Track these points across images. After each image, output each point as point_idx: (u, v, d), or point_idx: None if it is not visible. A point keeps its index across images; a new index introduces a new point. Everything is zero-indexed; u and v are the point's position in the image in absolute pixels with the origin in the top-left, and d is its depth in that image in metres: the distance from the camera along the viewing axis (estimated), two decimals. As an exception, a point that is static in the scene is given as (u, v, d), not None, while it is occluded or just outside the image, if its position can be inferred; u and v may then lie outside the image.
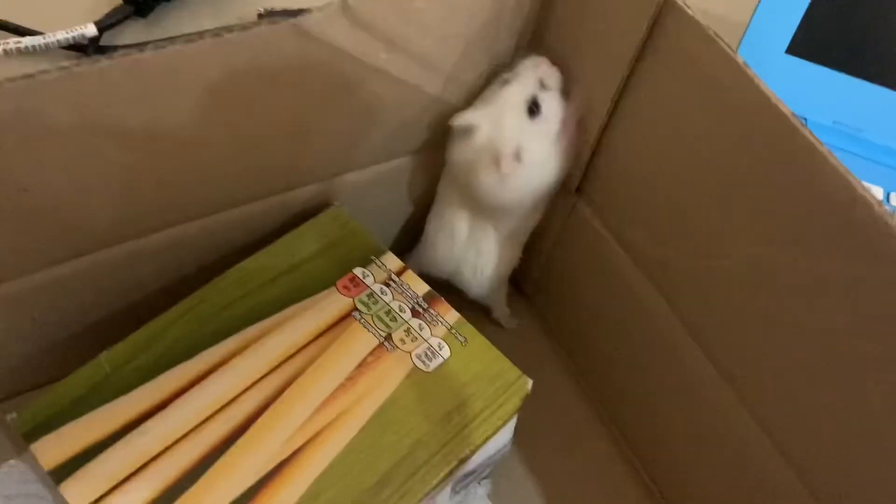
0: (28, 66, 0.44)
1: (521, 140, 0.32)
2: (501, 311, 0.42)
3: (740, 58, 0.26)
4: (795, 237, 0.26)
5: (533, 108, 0.32)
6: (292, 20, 0.25)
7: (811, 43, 0.49)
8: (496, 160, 0.32)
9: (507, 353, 0.32)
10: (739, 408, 0.30)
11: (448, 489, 0.32)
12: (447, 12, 0.30)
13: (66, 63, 0.23)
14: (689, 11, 0.27)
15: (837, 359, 0.26)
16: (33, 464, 0.33)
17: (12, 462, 0.34)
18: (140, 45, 0.24)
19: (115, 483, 0.27)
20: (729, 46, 0.26)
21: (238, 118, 0.29)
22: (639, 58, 0.29)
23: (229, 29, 0.24)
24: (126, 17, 0.48)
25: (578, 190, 0.36)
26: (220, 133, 0.29)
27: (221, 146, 0.30)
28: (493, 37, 0.32)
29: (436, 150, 0.36)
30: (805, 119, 0.51)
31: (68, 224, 0.29)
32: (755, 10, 0.49)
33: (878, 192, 0.48)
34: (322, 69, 0.28)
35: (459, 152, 0.34)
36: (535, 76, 0.33)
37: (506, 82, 0.33)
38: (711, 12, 0.59)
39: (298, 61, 0.27)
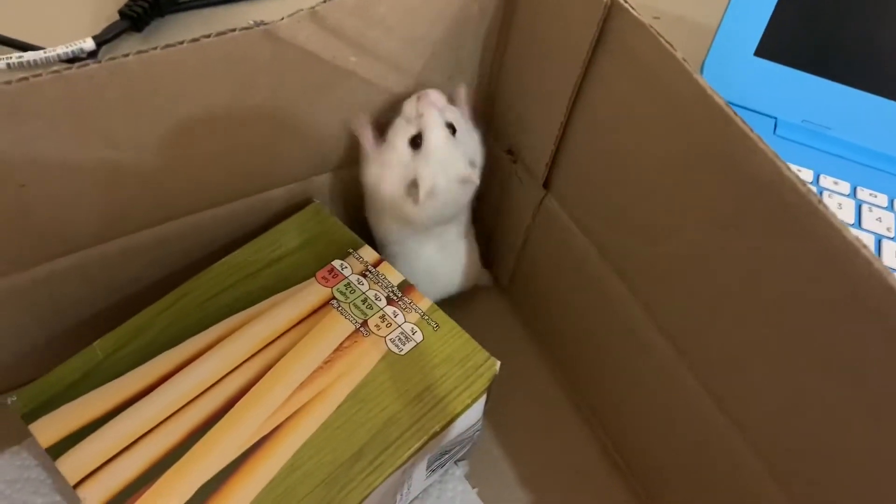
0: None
1: (416, 171, 0.35)
2: (482, 275, 0.44)
3: (679, 53, 0.28)
4: (733, 220, 0.28)
5: (414, 143, 0.35)
6: (264, 26, 0.27)
7: (778, 45, 0.51)
8: (410, 193, 0.35)
9: (483, 341, 0.34)
10: (698, 388, 0.32)
11: (423, 467, 0.34)
12: (411, 17, 0.32)
13: (57, 67, 0.25)
14: (634, 12, 0.29)
15: (776, 334, 0.27)
16: (33, 450, 0.35)
17: (14, 448, 0.36)
18: (125, 53, 0.26)
19: (107, 458, 0.30)
20: (669, 43, 0.28)
21: (217, 120, 0.31)
22: (591, 57, 0.31)
23: (207, 35, 0.27)
24: (122, 32, 0.51)
25: (546, 184, 0.38)
26: (201, 134, 0.31)
27: (203, 146, 0.32)
28: (459, 41, 0.34)
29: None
30: (775, 118, 0.53)
31: (63, 219, 0.31)
32: (724, 14, 0.51)
33: (845, 187, 0.50)
34: (295, 73, 0.30)
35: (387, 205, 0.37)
36: (411, 115, 0.35)
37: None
38: (687, 18, 0.62)
39: (271, 65, 0.29)
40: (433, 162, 0.35)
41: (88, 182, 0.30)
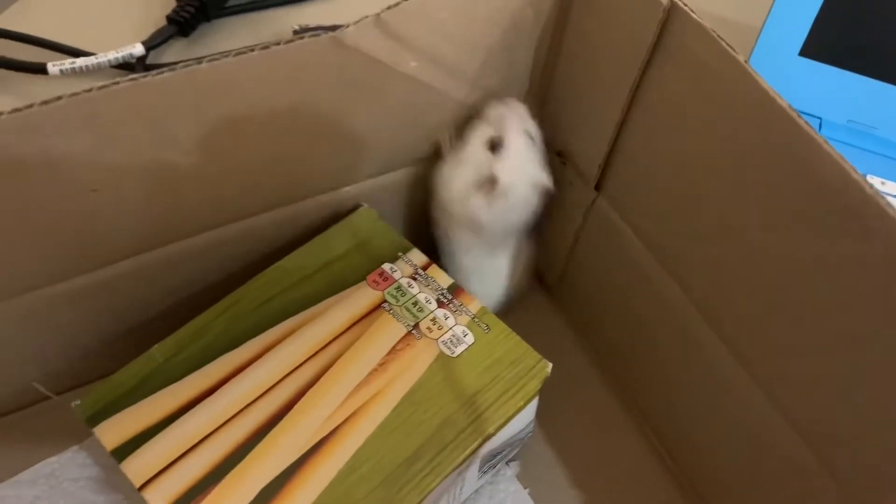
0: (84, 84, 0.48)
1: (492, 170, 0.35)
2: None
3: (741, 55, 0.28)
4: (796, 222, 0.27)
5: (494, 146, 0.35)
6: (331, 34, 0.28)
7: (823, 45, 0.51)
8: (482, 188, 0.36)
9: (531, 342, 0.34)
10: (753, 388, 0.32)
11: (476, 468, 0.34)
12: (469, 21, 0.32)
13: (135, 75, 0.26)
14: (694, 15, 0.29)
15: (836, 334, 0.27)
16: (93, 449, 0.36)
17: (75, 448, 0.37)
18: (198, 59, 0.27)
19: (171, 460, 0.30)
20: (730, 45, 0.28)
21: (282, 125, 0.32)
22: (649, 59, 0.31)
23: (276, 42, 0.28)
24: (170, 37, 0.51)
25: (598, 186, 0.38)
26: (263, 139, 0.32)
27: (267, 151, 0.33)
28: (512, 44, 0.35)
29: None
30: (820, 118, 0.52)
31: (130, 224, 0.32)
32: (768, 14, 0.51)
33: (892, 188, 0.49)
34: (357, 79, 0.31)
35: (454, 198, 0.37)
36: (495, 121, 0.36)
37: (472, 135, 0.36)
38: (727, 18, 0.62)
39: (336, 72, 0.30)
40: (513, 161, 0.35)
41: (155, 186, 0.31)
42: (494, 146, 0.35)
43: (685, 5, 0.29)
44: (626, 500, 0.38)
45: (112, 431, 0.31)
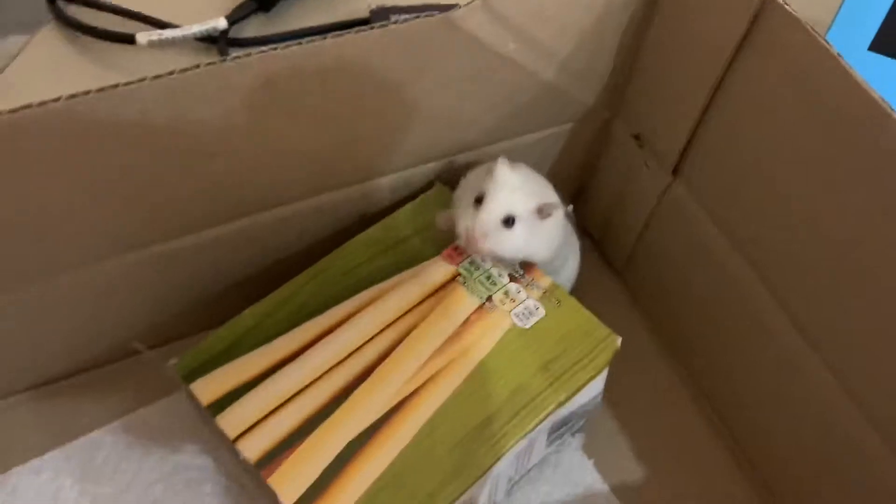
0: (167, 56, 0.51)
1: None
2: None
3: (834, 48, 0.28)
4: (884, 217, 0.28)
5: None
6: (443, 14, 0.30)
7: (894, 39, 0.50)
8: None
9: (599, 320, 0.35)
10: (826, 375, 0.32)
11: (544, 436, 0.35)
12: (567, 5, 0.33)
13: (262, 49, 0.29)
14: (789, 8, 0.29)
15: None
16: (181, 402, 0.38)
17: (165, 399, 0.39)
18: (317, 31, 0.29)
19: (262, 415, 0.32)
20: (825, 39, 0.28)
21: (386, 101, 0.34)
22: (738, 50, 0.31)
23: (395, 21, 0.30)
24: (252, 12, 0.53)
25: (675, 171, 0.38)
26: (369, 113, 0.34)
27: (368, 125, 0.35)
28: (603, 27, 0.35)
29: (537, 132, 0.41)
30: (886, 115, 0.51)
31: (238, 188, 0.34)
32: (839, 8, 0.50)
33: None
34: (460, 59, 0.33)
35: None
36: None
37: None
38: (796, 12, 0.61)
39: (442, 51, 0.32)
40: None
41: (268, 154, 0.33)
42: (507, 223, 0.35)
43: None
44: (688, 475, 0.39)
45: (207, 388, 0.33)
